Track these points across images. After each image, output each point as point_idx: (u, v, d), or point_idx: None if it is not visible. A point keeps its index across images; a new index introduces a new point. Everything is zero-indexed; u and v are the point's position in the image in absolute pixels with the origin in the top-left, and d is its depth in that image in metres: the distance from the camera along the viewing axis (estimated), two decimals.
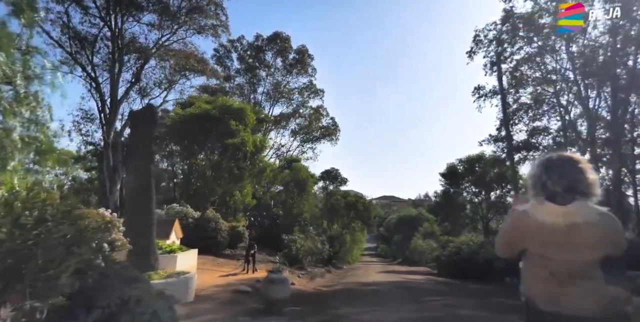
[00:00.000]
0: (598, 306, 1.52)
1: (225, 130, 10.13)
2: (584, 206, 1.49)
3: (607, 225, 1.51)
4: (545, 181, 1.57)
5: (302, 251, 14.26)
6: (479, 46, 18.51)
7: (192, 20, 17.41)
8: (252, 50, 29.29)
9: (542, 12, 18.17)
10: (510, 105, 19.89)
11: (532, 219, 1.57)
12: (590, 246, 1.51)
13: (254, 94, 30.28)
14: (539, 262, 1.63)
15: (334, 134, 31.22)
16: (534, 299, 1.63)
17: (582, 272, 1.53)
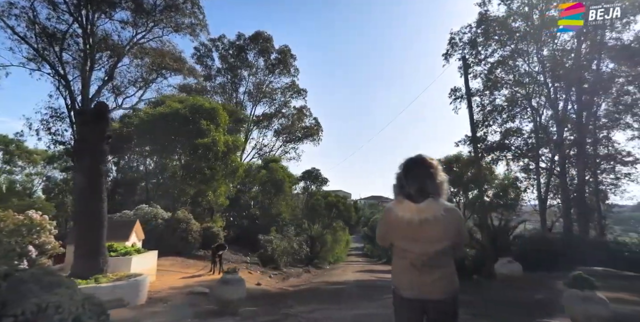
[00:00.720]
0: (446, 289, 1.74)
1: (196, 130, 10.00)
2: (433, 203, 1.71)
3: (452, 218, 1.73)
4: (403, 182, 1.74)
5: (278, 251, 14.23)
6: (455, 49, 18.95)
7: (168, 18, 17.13)
8: (234, 49, 29.04)
9: (515, 16, 18.75)
10: (485, 107, 20.48)
11: (394, 214, 1.77)
12: (439, 238, 1.72)
13: (235, 93, 30.04)
14: (401, 254, 1.81)
15: (317, 134, 31.30)
16: (398, 287, 1.80)
17: (434, 261, 1.73)
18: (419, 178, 1.73)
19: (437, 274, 1.72)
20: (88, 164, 4.65)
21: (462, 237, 1.82)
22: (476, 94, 20.07)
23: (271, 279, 10.72)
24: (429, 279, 1.72)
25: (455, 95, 20.59)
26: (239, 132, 25.60)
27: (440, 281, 1.73)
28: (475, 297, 7.98)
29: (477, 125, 19.79)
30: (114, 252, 5.37)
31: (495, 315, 5.79)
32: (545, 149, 18.88)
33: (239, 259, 14.77)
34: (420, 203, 1.70)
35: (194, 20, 18.73)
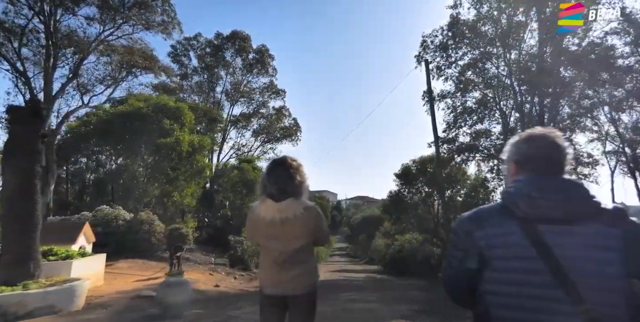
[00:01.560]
0: (305, 284, 1.82)
1: (159, 130, 9.82)
2: (294, 202, 1.78)
3: (311, 216, 1.81)
4: (266, 182, 1.80)
5: (249, 252, 14.12)
6: (426, 51, 19.35)
7: (138, 15, 16.72)
8: (211, 48, 28.69)
9: (485, 20, 19.34)
10: (456, 108, 21.01)
11: (257, 214, 1.82)
12: (299, 236, 1.79)
13: (212, 93, 29.68)
14: (264, 252, 1.87)
15: (295, 134, 31.32)
16: (262, 285, 1.86)
17: (294, 258, 1.80)
18: (280, 179, 1.79)
19: (297, 271, 1.79)
20: (20, 164, 4.48)
21: (323, 234, 1.90)
22: (448, 96, 20.60)
23: (235, 281, 10.65)
24: (289, 275, 1.78)
25: (427, 97, 20.99)
26: (215, 132, 25.30)
27: (300, 276, 1.79)
28: (435, 295, 8.20)
29: (449, 126, 20.33)
30: (54, 256, 5.19)
31: (445, 311, 5.98)
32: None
33: (208, 260, 14.59)
34: (281, 202, 1.75)
35: (166, 18, 18.38)
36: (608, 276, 0.88)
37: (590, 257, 0.89)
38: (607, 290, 0.87)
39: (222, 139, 29.79)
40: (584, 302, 0.85)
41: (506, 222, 0.98)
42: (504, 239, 0.97)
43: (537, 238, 0.92)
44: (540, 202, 0.94)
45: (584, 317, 0.84)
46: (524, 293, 0.91)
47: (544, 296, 0.89)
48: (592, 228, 0.91)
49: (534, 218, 0.95)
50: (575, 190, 0.97)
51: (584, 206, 0.94)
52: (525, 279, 0.92)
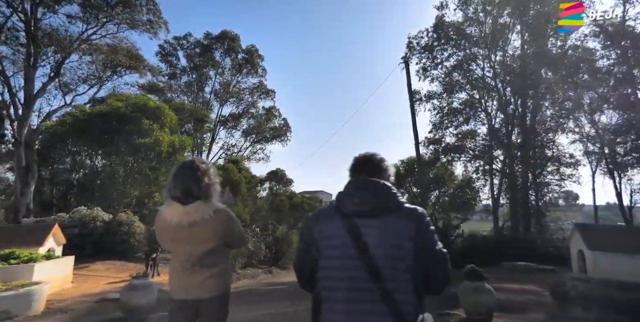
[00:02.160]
0: (217, 288, 1.79)
1: (137, 130, 9.72)
2: (202, 205, 1.73)
3: (221, 219, 1.77)
4: (171, 185, 1.77)
5: (233, 253, 14.05)
6: (412, 52, 19.48)
7: (123, 14, 16.55)
8: (200, 48, 28.47)
9: (471, 22, 19.52)
10: (442, 109, 21.18)
11: (163, 218, 1.79)
12: (207, 239, 1.76)
13: (201, 93, 29.47)
14: (173, 256, 1.84)
15: (285, 134, 31.23)
16: (171, 290, 1.83)
17: (203, 261, 1.77)
18: (184, 181, 1.75)
19: (207, 274, 1.76)
20: None
21: (235, 237, 1.88)
22: (434, 97, 20.77)
23: None
24: (198, 279, 1.75)
25: (415, 98, 21.13)
26: (202, 132, 25.15)
27: (210, 279, 1.77)
28: None
29: (435, 127, 20.50)
30: (15, 259, 5.09)
31: None
32: (499, 151, 19.78)
33: None
34: (188, 205, 1.72)
35: (152, 17, 18.21)
36: (401, 258, 1.08)
37: (389, 243, 1.09)
38: (399, 269, 1.07)
39: (212, 139, 29.65)
40: (381, 279, 1.04)
41: (335, 217, 1.18)
42: (331, 232, 1.16)
43: (352, 229, 1.11)
44: (356, 199, 1.15)
45: (380, 292, 1.03)
46: (340, 276, 1.09)
47: (353, 276, 1.07)
48: (393, 221, 1.12)
49: (352, 213, 1.14)
50: (380, 190, 1.18)
51: (388, 203, 1.15)
52: (342, 263, 1.10)
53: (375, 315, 1.03)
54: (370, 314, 1.03)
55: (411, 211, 1.16)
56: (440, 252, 1.17)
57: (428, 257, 1.13)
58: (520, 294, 6.61)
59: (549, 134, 19.06)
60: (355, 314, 1.04)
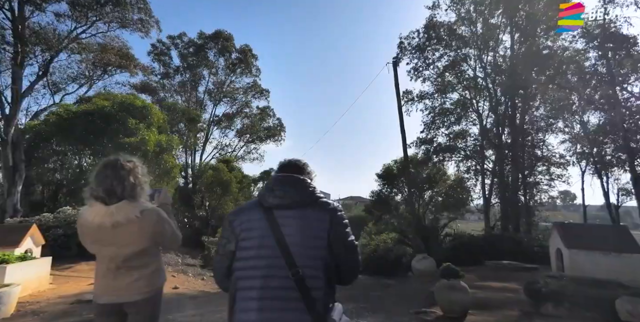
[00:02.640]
0: (145, 290, 1.73)
1: (123, 129, 9.69)
2: (127, 205, 1.68)
3: (149, 220, 1.71)
4: (92, 185, 1.73)
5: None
6: (404, 53, 19.54)
7: (113, 12, 16.48)
8: (193, 47, 28.40)
9: (463, 21, 19.60)
10: (434, 109, 21.24)
11: (84, 219, 1.73)
12: (134, 240, 1.70)
13: (195, 92, 29.40)
14: (97, 259, 1.79)
15: (279, 134, 31.25)
16: (95, 294, 1.78)
17: (130, 263, 1.71)
18: (106, 180, 1.69)
19: (135, 276, 1.71)
20: None
21: (167, 237, 1.81)
22: (426, 97, 20.84)
23: (202, 282, 10.53)
24: (125, 281, 1.70)
25: (407, 98, 21.21)
26: (193, 131, 25.09)
27: (139, 281, 1.72)
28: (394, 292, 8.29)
29: (427, 127, 20.56)
30: None
31: (381, 307, 6.05)
32: (491, 151, 19.89)
33: (183, 261, 14.44)
34: (112, 206, 1.66)
35: (144, 16, 18.15)
36: (315, 246, 1.14)
37: (305, 233, 1.16)
38: (313, 257, 1.13)
39: (205, 138, 29.61)
40: (294, 266, 1.09)
41: (255, 210, 1.23)
42: (251, 224, 1.21)
43: (271, 220, 1.17)
44: (277, 193, 1.22)
45: (294, 278, 1.08)
46: (256, 265, 1.14)
47: (270, 264, 1.12)
48: (310, 213, 1.19)
49: (273, 206, 1.21)
50: (300, 184, 1.25)
51: (306, 196, 1.22)
52: (259, 252, 1.15)
53: (289, 300, 1.07)
54: (283, 299, 1.08)
55: (326, 205, 1.23)
56: (351, 244, 1.24)
57: (340, 248, 1.19)
58: (499, 292, 6.67)
59: (539, 134, 19.21)
60: (268, 299, 1.08)
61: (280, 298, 1.08)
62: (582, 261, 6.12)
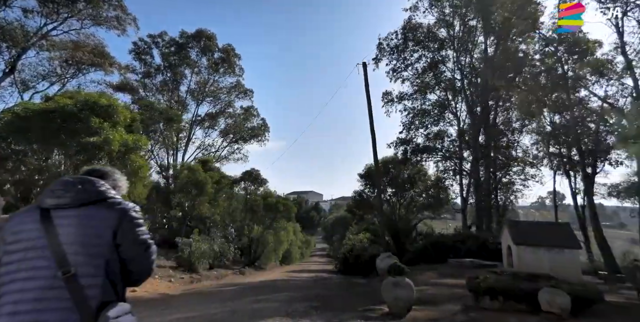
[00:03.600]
0: None
1: (85, 129, 9.50)
2: None
3: None
4: None
5: (197, 254, 13.90)
6: (383, 53, 19.71)
7: (85, 9, 16.22)
8: (175, 47, 28.10)
9: (441, 24, 19.87)
10: (413, 110, 21.45)
11: None
12: None
13: (177, 92, 29.10)
14: None
15: (263, 134, 31.13)
16: None
17: None
18: None
19: None
20: None
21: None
22: (405, 98, 21.04)
23: (170, 283, 10.44)
24: None
25: (387, 99, 21.40)
26: (176, 131, 24.82)
27: None
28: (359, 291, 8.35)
29: (406, 128, 20.75)
30: None
31: (334, 306, 6.09)
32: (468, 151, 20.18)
33: (157, 263, 14.26)
34: None
35: (120, 13, 17.90)
36: (97, 245, 1.13)
37: (85, 232, 1.13)
38: (93, 255, 1.11)
39: (187, 138, 29.31)
40: (66, 265, 1.06)
41: (31, 213, 1.19)
42: (22, 227, 1.16)
43: (46, 221, 1.14)
44: (58, 192, 1.19)
45: (63, 277, 1.05)
46: (20, 267, 1.09)
47: (34, 266, 1.08)
48: (94, 211, 1.17)
49: (51, 206, 1.17)
50: (87, 184, 1.23)
51: (91, 195, 1.19)
52: (25, 255, 1.10)
53: (52, 300, 1.04)
54: (45, 300, 1.04)
55: (115, 204, 1.21)
56: (143, 242, 1.22)
57: (129, 247, 1.18)
58: (450, 288, 6.78)
59: (514, 134, 19.58)
60: (26, 302, 1.04)
61: (41, 299, 1.04)
62: (528, 257, 6.28)
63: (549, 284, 4.51)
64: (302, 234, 42.12)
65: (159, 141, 20.29)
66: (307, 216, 62.94)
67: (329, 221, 46.53)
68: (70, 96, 10.46)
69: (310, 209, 69.20)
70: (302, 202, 71.29)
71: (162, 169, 25.83)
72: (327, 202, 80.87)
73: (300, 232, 39.77)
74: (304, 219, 58.89)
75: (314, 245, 49.23)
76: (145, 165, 11.49)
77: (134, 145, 10.80)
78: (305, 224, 55.70)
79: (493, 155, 17.32)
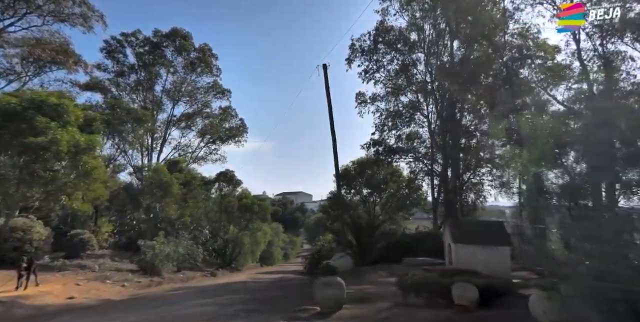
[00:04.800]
0: None
1: (30, 128, 9.15)
2: None
3: None
4: None
5: (160, 257, 13.58)
6: (355, 54, 19.78)
7: (47, 5, 15.72)
8: (149, 46, 27.55)
9: (412, 27, 20.09)
10: (386, 111, 21.60)
11: None
12: None
13: (152, 91, 28.54)
14: None
15: (241, 135, 30.81)
16: None
17: None
18: None
19: None
20: None
21: None
22: (378, 100, 21.17)
23: (122, 288, 10.12)
24: None
25: (360, 100, 21.50)
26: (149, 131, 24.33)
27: None
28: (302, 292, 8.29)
29: (378, 129, 20.86)
30: None
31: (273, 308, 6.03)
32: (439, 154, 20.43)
33: (118, 267, 13.87)
34: None
35: (85, 9, 17.42)
36: None
37: None
38: None
39: (163, 139, 28.79)
40: None
41: None
42: None
43: None
44: None
45: None
46: None
47: None
48: None
49: None
50: None
51: None
52: None
53: None
54: None
55: None
56: None
57: None
58: (389, 286, 6.81)
59: (484, 136, 19.92)
60: None
61: None
62: (465, 254, 6.38)
63: (462, 279, 4.59)
64: (285, 235, 41.93)
65: (128, 142, 19.75)
66: (292, 217, 62.75)
67: (311, 222, 46.45)
68: (16, 95, 10.06)
69: (295, 209, 68.95)
70: (288, 203, 71.06)
71: (136, 170, 25.32)
72: (316, 203, 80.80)
73: (283, 232, 39.64)
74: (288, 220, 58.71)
75: (300, 245, 49.04)
76: (99, 166, 11.16)
77: (87, 146, 10.49)
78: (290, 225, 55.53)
79: (462, 156, 17.60)
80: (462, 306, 4.38)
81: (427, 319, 4.30)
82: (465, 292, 4.32)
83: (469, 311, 4.33)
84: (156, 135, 28.93)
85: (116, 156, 22.77)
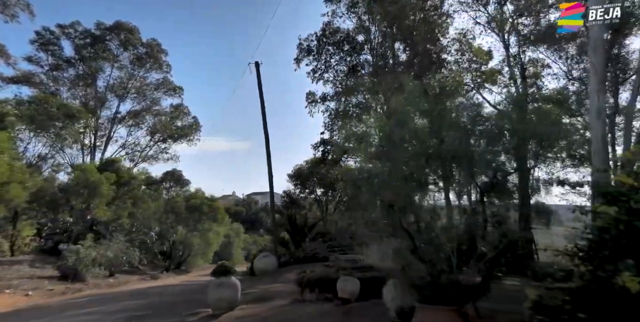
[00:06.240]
0: None
1: None
2: None
3: None
4: None
5: (84, 262, 12.67)
6: (303, 54, 19.87)
7: None
8: (91, 38, 25.80)
9: (359, 29, 20.58)
10: (336, 111, 21.95)
11: None
12: None
13: (94, 87, 26.75)
14: None
15: (194, 134, 29.76)
16: None
17: None
18: None
19: None
20: None
21: None
22: (328, 99, 21.44)
23: (25, 297, 9.24)
24: None
25: (310, 100, 21.61)
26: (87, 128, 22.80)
27: None
28: None
29: (327, 127, 21.13)
30: None
31: (169, 312, 5.82)
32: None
33: (34, 274, 12.76)
34: None
35: None
36: None
37: None
38: None
39: (107, 137, 27.13)
40: None
41: None
42: None
43: None
44: None
45: None
46: None
47: None
48: None
49: None
50: None
51: None
52: None
53: None
54: None
55: None
56: None
57: None
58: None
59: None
60: None
61: None
62: (373, 250, 6.59)
63: (347, 273, 4.74)
64: (247, 236, 41.09)
65: (59, 139, 18.27)
66: (257, 217, 61.83)
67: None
68: None
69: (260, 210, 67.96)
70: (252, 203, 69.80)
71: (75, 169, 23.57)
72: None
73: (245, 233, 38.88)
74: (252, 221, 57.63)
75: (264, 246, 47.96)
76: (14, 166, 10.21)
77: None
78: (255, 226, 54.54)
79: None
80: (344, 299, 4.51)
81: (309, 314, 4.37)
82: (347, 285, 4.47)
83: (349, 303, 4.47)
84: (100, 133, 27.25)
85: (52, 155, 21.07)
